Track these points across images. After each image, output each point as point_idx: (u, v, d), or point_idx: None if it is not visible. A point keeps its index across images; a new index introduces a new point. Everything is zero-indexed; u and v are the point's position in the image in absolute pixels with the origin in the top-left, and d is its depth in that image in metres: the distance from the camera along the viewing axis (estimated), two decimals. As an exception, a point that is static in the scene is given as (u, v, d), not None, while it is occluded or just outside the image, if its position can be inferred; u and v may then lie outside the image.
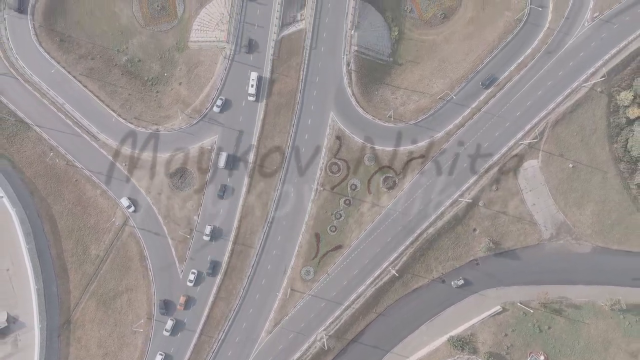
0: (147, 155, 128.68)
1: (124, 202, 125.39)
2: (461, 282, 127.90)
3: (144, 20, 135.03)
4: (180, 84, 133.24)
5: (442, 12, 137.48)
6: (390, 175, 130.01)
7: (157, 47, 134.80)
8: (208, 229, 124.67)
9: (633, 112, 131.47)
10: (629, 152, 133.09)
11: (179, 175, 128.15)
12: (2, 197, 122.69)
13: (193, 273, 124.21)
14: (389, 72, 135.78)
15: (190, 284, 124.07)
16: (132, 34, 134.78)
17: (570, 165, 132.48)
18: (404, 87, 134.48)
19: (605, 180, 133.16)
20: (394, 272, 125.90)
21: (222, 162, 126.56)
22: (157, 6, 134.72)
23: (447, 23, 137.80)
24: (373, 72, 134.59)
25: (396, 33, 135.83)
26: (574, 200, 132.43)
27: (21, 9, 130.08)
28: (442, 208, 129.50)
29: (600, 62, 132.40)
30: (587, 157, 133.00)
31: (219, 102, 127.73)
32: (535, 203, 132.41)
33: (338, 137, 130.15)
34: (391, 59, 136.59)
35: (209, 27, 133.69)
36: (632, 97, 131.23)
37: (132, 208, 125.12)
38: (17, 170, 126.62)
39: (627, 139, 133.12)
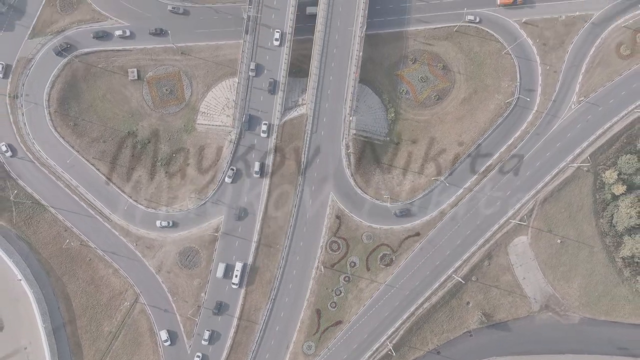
0: (157, 235, 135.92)
1: (163, 335, 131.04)
2: None
3: (153, 103, 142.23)
4: (188, 165, 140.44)
5: (436, 93, 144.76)
6: (388, 253, 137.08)
7: (166, 129, 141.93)
8: (207, 334, 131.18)
9: (618, 189, 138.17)
10: (614, 226, 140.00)
11: (187, 254, 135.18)
12: (20, 280, 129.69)
13: (198, 357, 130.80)
14: (385, 152, 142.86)
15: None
16: (142, 116, 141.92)
17: (559, 241, 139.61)
18: (400, 167, 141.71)
19: (592, 254, 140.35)
20: (390, 347, 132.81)
21: (220, 272, 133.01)
22: (166, 90, 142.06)
23: (441, 104, 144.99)
24: (371, 153, 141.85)
25: (392, 114, 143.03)
26: (562, 274, 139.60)
27: (61, 53, 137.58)
28: (437, 284, 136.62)
29: (586, 143, 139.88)
30: (575, 232, 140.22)
31: (230, 173, 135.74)
32: (526, 277, 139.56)
33: (338, 217, 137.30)
34: (388, 138, 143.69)
35: (215, 111, 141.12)
36: (617, 175, 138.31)
37: (169, 342, 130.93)
38: (34, 251, 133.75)
39: (612, 214, 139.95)
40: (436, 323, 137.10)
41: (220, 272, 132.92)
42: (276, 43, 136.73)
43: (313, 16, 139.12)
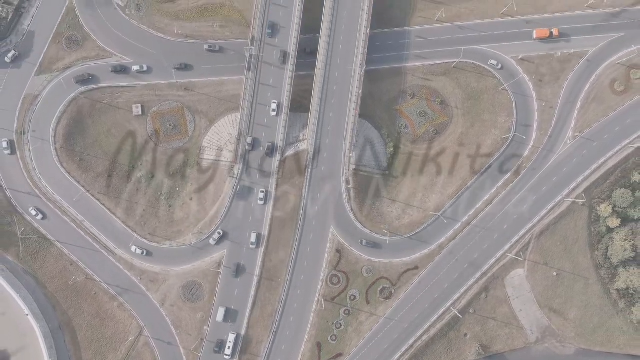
0: (160, 269, 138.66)
1: None
2: None
3: (157, 137, 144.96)
4: (191, 199, 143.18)
5: (434, 128, 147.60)
6: (387, 286, 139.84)
7: (170, 164, 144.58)
8: None
9: (613, 222, 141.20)
10: (609, 259, 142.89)
11: (190, 288, 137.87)
12: (27, 314, 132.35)
13: None
14: (385, 185, 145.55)
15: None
16: (146, 151, 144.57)
17: (555, 274, 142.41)
18: (399, 201, 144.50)
19: (587, 287, 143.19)
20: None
21: (220, 317, 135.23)
22: (170, 125, 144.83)
23: (439, 138, 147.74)
24: (370, 186, 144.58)
25: (392, 148, 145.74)
26: (558, 306, 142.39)
27: (80, 81, 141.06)
28: (436, 316, 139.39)
29: (581, 177, 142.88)
30: (570, 265, 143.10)
31: (215, 236, 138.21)
32: (522, 309, 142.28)
33: (338, 251, 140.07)
34: (387, 172, 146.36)
35: (218, 146, 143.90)
36: (612, 208, 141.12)
37: None
38: (41, 286, 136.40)
39: (607, 247, 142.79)
40: (434, 355, 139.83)
41: (220, 316, 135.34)
42: (273, 113, 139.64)
43: (314, 53, 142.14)
